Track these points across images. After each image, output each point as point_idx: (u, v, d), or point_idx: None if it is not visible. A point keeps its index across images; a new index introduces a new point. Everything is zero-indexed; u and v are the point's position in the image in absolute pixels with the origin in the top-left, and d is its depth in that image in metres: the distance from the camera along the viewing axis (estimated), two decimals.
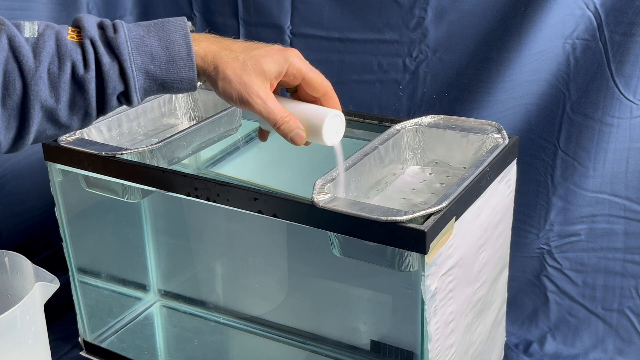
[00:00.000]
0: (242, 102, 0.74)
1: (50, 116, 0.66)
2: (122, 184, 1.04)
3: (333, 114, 0.79)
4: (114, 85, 0.67)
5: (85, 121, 0.69)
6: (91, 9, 1.45)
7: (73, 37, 0.67)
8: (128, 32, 0.68)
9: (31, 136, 0.67)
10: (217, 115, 1.14)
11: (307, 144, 0.81)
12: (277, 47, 0.77)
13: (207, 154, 1.26)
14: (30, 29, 0.66)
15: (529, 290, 1.29)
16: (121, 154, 1.01)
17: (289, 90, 0.82)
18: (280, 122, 0.76)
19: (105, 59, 0.67)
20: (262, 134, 0.86)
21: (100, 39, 0.67)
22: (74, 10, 1.42)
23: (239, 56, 0.73)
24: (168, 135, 1.07)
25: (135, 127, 1.19)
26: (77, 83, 0.66)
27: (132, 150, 1.02)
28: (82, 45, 0.67)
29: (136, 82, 0.68)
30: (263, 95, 0.74)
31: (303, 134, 0.78)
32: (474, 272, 0.95)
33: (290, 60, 0.76)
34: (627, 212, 1.20)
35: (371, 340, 1.13)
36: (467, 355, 0.99)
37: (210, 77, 0.73)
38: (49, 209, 1.15)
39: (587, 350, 1.24)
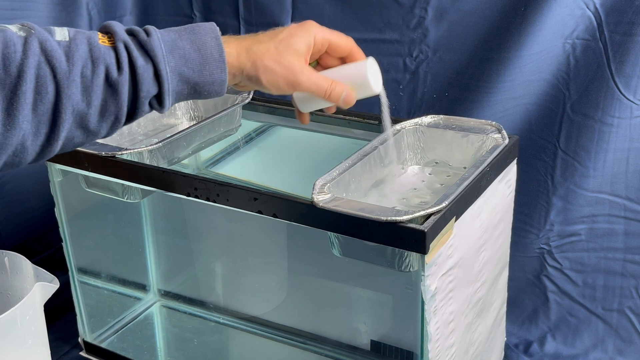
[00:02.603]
0: (291, 85, 0.75)
1: (81, 122, 0.65)
2: (122, 184, 1.04)
3: (369, 60, 0.81)
4: (148, 88, 0.67)
5: (114, 127, 0.68)
6: (91, 9, 1.45)
7: (105, 42, 0.66)
8: (161, 36, 0.68)
9: (60, 143, 0.65)
10: (217, 115, 1.14)
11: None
12: (294, 25, 0.78)
13: (207, 154, 1.26)
14: (61, 33, 0.65)
15: (529, 290, 1.29)
16: (121, 154, 1.01)
17: (311, 64, 0.82)
18: (330, 89, 0.77)
19: (140, 61, 0.66)
20: (303, 117, 0.86)
21: (133, 42, 0.67)
22: (73, 10, 1.42)
23: (270, 45, 0.74)
24: (168, 135, 1.07)
25: (135, 127, 1.19)
26: (111, 86, 0.65)
27: (132, 150, 1.02)
28: (115, 49, 0.66)
29: (170, 84, 0.68)
30: (306, 72, 0.76)
31: (353, 92, 0.79)
32: (474, 272, 0.95)
33: (313, 31, 0.77)
34: (627, 212, 1.20)
35: (371, 340, 1.13)
36: (467, 355, 0.99)
37: (249, 74, 0.74)
38: (49, 209, 1.15)
39: (587, 350, 1.24)
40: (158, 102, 0.69)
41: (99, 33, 0.67)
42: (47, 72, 0.62)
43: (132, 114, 0.68)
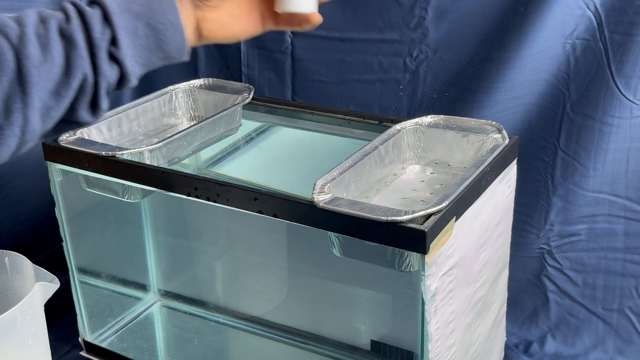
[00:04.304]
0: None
1: (50, 85, 0.64)
2: (122, 184, 1.04)
3: None
4: (101, 30, 0.66)
5: (84, 92, 0.66)
6: None
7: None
8: None
9: (36, 115, 0.63)
10: (217, 115, 1.14)
11: (295, 23, 0.80)
12: None
13: (207, 154, 1.26)
14: (9, 14, 0.66)
15: (529, 290, 1.29)
16: (121, 154, 1.01)
17: None
18: None
19: (87, 9, 0.67)
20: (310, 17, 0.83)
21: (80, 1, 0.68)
22: None
23: None
24: (168, 135, 1.07)
25: (135, 127, 1.19)
26: (65, 37, 0.65)
27: (132, 150, 1.02)
28: (62, 9, 0.67)
29: (121, 20, 0.67)
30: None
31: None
32: (474, 272, 0.95)
33: None
34: (627, 212, 1.20)
35: (371, 340, 1.13)
36: (467, 355, 0.99)
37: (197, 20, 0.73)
38: (49, 209, 1.15)
39: (587, 350, 1.24)
40: (116, 46, 0.67)
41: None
42: (2, 40, 0.62)
43: (97, 69, 0.67)
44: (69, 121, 0.68)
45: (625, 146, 1.16)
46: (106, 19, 0.67)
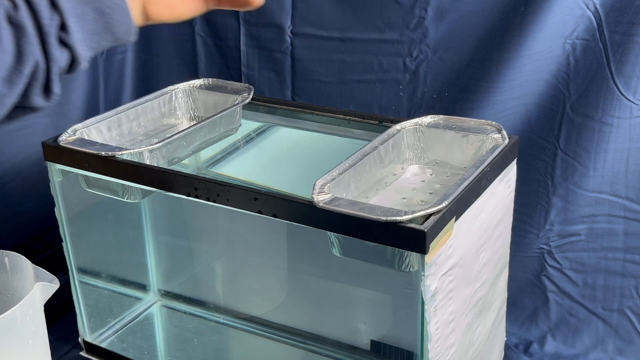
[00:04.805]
0: None
1: (2, 75, 0.65)
2: (122, 184, 1.04)
3: None
4: (49, 16, 0.66)
5: (36, 78, 0.66)
6: None
7: None
8: None
9: None
10: (217, 115, 1.14)
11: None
12: None
13: (207, 154, 1.26)
14: None
15: (529, 290, 1.29)
16: (121, 154, 1.01)
17: None
18: None
19: None
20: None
21: None
22: None
23: None
24: (168, 135, 1.07)
25: (135, 127, 1.19)
26: (14, 24, 0.65)
27: (132, 150, 1.02)
28: None
29: (69, 7, 0.67)
30: None
31: None
32: (474, 272, 0.95)
33: None
34: (627, 212, 1.20)
35: (371, 340, 1.13)
36: (467, 355, 0.99)
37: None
38: (49, 209, 1.15)
39: (587, 350, 1.24)
40: (65, 31, 0.67)
41: None
42: None
43: (48, 55, 0.66)
44: (23, 107, 0.69)
45: (625, 146, 1.16)
46: (54, 5, 0.67)
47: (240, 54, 1.45)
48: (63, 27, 0.67)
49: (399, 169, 1.05)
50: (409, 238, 0.80)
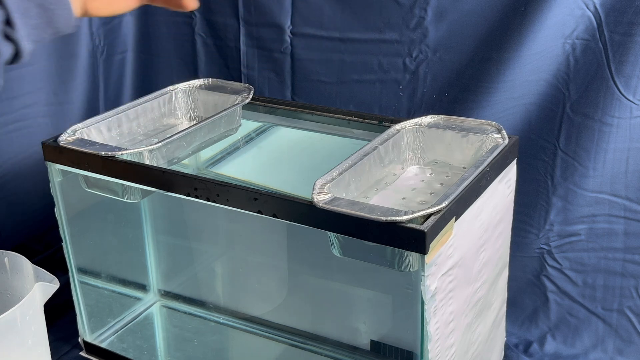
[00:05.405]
0: None
1: None
2: (122, 184, 1.04)
3: None
4: None
5: None
6: None
7: None
8: None
9: None
10: (217, 115, 1.14)
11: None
12: None
13: (207, 154, 1.26)
14: None
15: (529, 290, 1.29)
16: (121, 154, 1.01)
17: None
18: None
19: None
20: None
21: None
22: None
23: None
24: (168, 135, 1.07)
25: (135, 127, 1.19)
26: None
27: (132, 150, 1.02)
28: None
29: (13, 4, 0.69)
30: None
31: None
32: (474, 272, 0.95)
33: None
34: (627, 212, 1.20)
35: (371, 340, 1.13)
36: (467, 355, 0.99)
37: None
38: (49, 209, 1.15)
39: (587, 350, 1.24)
40: (10, 27, 0.69)
41: None
42: None
43: None
44: None
45: (625, 146, 1.16)
46: None
47: (240, 54, 1.45)
48: (8, 22, 0.69)
49: (399, 169, 1.05)
50: (409, 238, 0.80)
